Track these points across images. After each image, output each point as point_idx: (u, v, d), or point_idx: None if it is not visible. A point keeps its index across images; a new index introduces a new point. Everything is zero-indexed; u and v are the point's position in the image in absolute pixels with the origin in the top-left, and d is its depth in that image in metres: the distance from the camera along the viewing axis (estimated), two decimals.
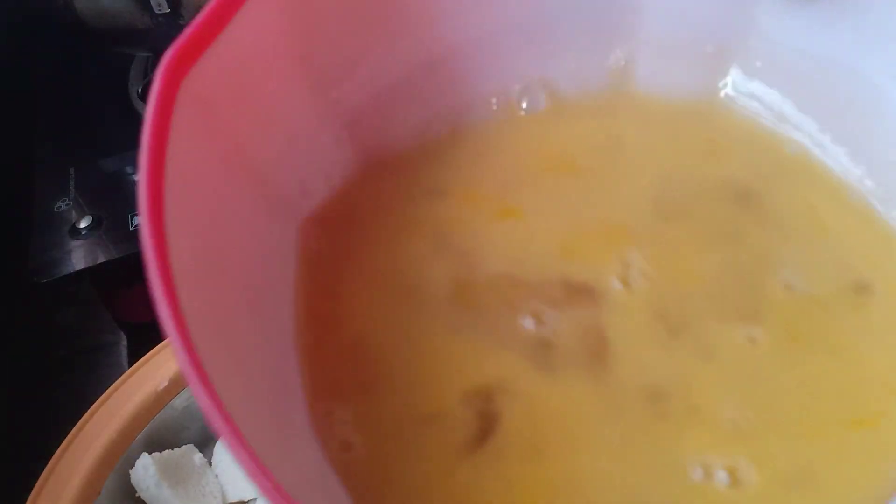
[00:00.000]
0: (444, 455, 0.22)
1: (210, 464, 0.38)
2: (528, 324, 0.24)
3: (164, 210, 0.17)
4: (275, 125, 0.23)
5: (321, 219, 0.25)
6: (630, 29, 0.28)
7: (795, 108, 0.28)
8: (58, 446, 0.36)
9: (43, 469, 0.35)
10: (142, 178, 0.18)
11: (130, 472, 0.36)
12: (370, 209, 0.26)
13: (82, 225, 0.48)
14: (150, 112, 0.18)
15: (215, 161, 0.21)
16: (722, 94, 0.29)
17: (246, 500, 0.38)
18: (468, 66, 0.27)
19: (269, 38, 0.22)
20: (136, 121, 0.56)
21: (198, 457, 0.38)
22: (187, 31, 0.20)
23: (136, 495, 0.36)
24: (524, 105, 0.29)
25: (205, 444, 0.39)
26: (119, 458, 0.36)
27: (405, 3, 0.25)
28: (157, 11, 0.44)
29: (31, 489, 0.35)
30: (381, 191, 0.27)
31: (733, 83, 0.29)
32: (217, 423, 0.16)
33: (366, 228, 0.26)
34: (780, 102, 0.28)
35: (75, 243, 0.47)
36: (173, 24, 0.45)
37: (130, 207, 0.49)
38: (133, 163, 0.52)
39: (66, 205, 0.50)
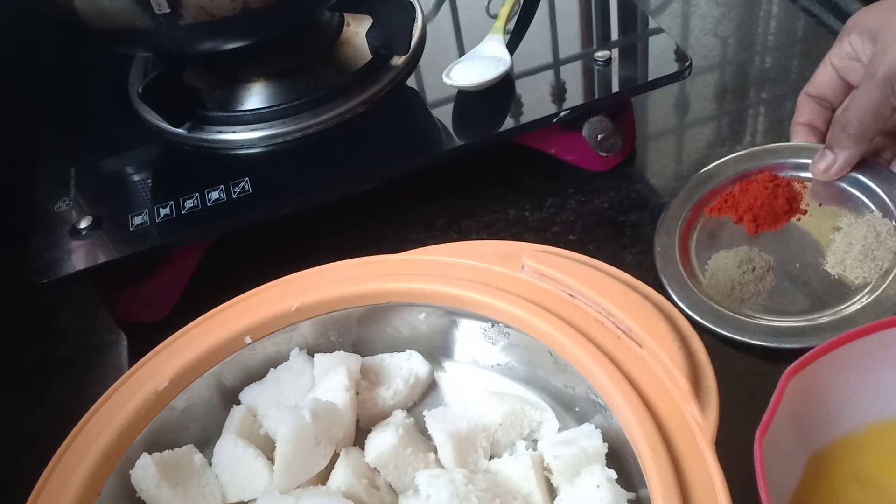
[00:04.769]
0: None
1: (210, 464, 0.38)
2: None
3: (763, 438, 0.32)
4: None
5: None
6: None
7: None
8: (58, 446, 0.36)
9: (43, 469, 0.35)
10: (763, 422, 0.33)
11: (130, 472, 0.36)
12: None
13: (82, 225, 0.48)
14: (777, 389, 0.33)
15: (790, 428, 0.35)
16: None
17: (245, 501, 0.38)
18: None
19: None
20: (137, 121, 0.56)
21: (198, 457, 0.38)
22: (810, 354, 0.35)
23: (137, 495, 0.37)
24: None
25: (205, 444, 0.39)
26: (119, 458, 0.36)
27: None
28: (157, 11, 0.44)
29: (32, 489, 0.35)
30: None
31: None
32: None
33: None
34: None
35: (75, 243, 0.47)
36: (173, 23, 0.45)
37: (131, 208, 0.48)
38: (133, 163, 0.52)
39: (67, 205, 0.50)
